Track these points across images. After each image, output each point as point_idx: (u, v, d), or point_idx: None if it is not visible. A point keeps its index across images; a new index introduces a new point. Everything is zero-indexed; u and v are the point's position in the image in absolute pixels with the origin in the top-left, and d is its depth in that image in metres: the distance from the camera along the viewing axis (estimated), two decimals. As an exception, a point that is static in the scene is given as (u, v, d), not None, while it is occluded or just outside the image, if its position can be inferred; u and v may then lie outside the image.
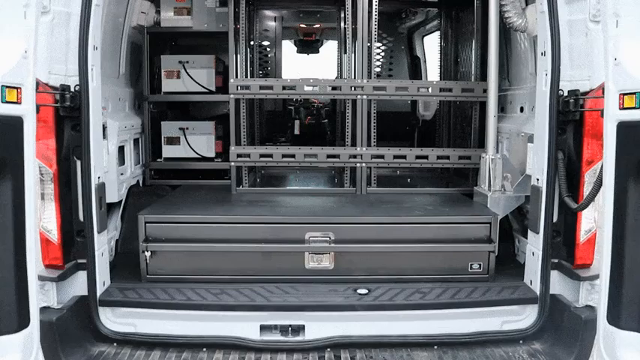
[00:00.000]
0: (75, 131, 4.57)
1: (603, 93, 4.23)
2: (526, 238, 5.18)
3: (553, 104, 4.63)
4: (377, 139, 6.46)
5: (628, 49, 4.13)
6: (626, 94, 4.10)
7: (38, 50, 4.05)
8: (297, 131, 9.12)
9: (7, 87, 3.91)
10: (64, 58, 4.52)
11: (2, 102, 3.87)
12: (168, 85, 6.87)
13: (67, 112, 4.51)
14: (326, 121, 9.34)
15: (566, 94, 4.64)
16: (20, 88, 3.95)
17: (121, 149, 6.08)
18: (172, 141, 6.91)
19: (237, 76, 6.40)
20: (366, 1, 6.35)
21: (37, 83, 4.11)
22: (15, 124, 3.94)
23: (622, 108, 4.11)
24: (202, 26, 6.82)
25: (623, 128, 4.07)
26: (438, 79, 8.21)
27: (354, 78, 6.50)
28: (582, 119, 4.65)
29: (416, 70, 9.78)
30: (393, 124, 7.53)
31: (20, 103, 3.97)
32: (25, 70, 3.97)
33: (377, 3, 6.37)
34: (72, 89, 4.51)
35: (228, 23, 6.41)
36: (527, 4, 5.56)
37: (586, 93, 4.60)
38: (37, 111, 4.13)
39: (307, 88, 6.35)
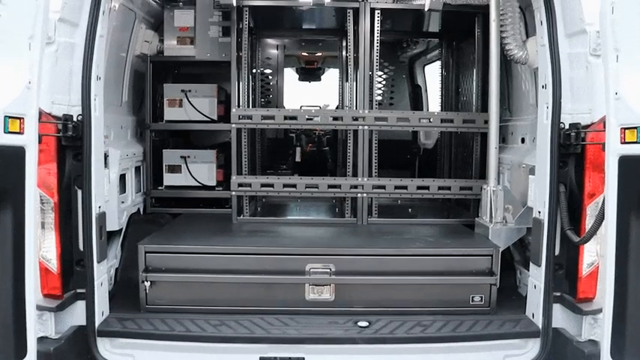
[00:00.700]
0: (76, 161, 4.58)
1: (604, 126, 4.25)
2: (528, 270, 5.15)
3: (554, 137, 4.64)
4: (378, 166, 6.46)
5: (629, 84, 4.15)
6: (627, 128, 4.11)
7: (42, 80, 4.08)
8: (298, 158, 9.13)
9: (10, 117, 3.92)
10: (67, 88, 4.55)
11: (4, 132, 3.89)
12: (170, 113, 6.89)
13: (69, 142, 4.53)
14: (327, 148, 9.37)
15: (567, 127, 4.66)
16: (23, 118, 3.97)
17: (122, 177, 6.08)
18: (173, 169, 6.91)
19: (239, 106, 6.42)
20: (368, 31, 6.39)
21: (40, 113, 4.13)
22: (17, 154, 3.94)
23: (623, 142, 4.12)
24: (205, 55, 6.85)
25: (625, 162, 4.07)
26: (439, 108, 8.25)
27: (356, 106, 6.53)
28: (584, 152, 4.66)
29: (417, 98, 9.82)
30: (394, 152, 7.54)
31: (23, 134, 3.98)
32: (28, 101, 3.98)
33: (378, 33, 6.42)
34: (74, 119, 4.53)
35: (230, 53, 6.45)
36: (527, 37, 5.60)
37: (587, 126, 4.62)
38: (40, 141, 4.15)
39: (309, 119, 6.37)
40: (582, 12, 4.54)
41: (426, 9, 5.09)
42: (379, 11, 6.33)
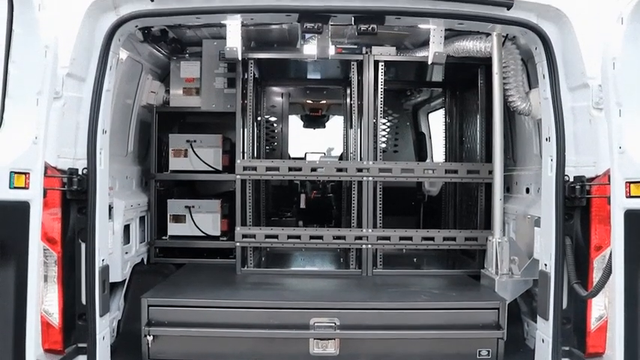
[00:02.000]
0: (81, 214, 4.57)
1: (609, 180, 4.25)
2: (535, 322, 5.08)
3: (559, 190, 4.63)
4: (382, 213, 6.45)
5: (632, 138, 4.17)
6: (632, 182, 4.11)
7: (48, 135, 4.12)
8: (303, 205, 9.13)
9: (16, 172, 3.95)
10: (73, 142, 4.57)
11: (10, 188, 3.91)
12: (175, 163, 6.93)
13: (74, 196, 4.53)
14: (332, 195, 9.37)
15: (572, 179, 4.64)
16: (29, 173, 4.00)
17: (127, 227, 6.07)
18: (178, 219, 6.91)
19: (243, 156, 6.45)
20: (372, 81, 6.46)
21: (46, 167, 4.16)
22: (21, 209, 3.96)
23: (629, 196, 4.12)
24: (210, 106, 6.93)
25: (631, 216, 4.06)
26: (443, 155, 8.28)
27: (360, 153, 6.56)
28: (589, 205, 4.63)
29: (421, 146, 9.86)
30: (398, 199, 7.53)
31: (28, 188, 4.01)
32: (34, 156, 4.02)
33: (382, 83, 6.48)
34: (80, 172, 4.54)
35: (235, 104, 6.51)
36: (530, 88, 5.64)
37: (592, 179, 4.60)
38: (44, 195, 4.16)
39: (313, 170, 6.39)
40: (584, 66, 4.57)
41: (429, 62, 5.16)
42: (382, 63, 6.41)
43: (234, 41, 4.79)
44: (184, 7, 4.53)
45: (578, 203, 4.63)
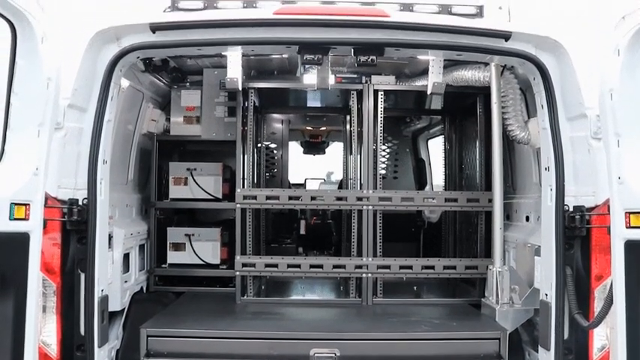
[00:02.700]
0: (80, 244, 4.56)
1: (608, 210, 4.26)
2: (536, 352, 5.04)
3: (559, 220, 4.62)
4: (382, 239, 6.44)
5: (631, 168, 4.20)
6: (632, 212, 4.13)
7: (49, 166, 4.14)
8: (302, 231, 9.12)
9: (16, 204, 3.97)
10: (73, 172, 4.57)
11: (10, 219, 3.93)
12: (175, 191, 6.94)
13: (74, 226, 4.52)
14: (332, 221, 9.36)
15: (571, 209, 4.64)
16: (29, 204, 4.02)
17: (126, 256, 6.05)
18: (178, 247, 6.90)
19: (243, 185, 6.47)
20: (372, 109, 6.49)
21: (46, 198, 4.17)
22: (21, 240, 3.97)
23: (629, 226, 4.13)
24: (211, 135, 6.95)
25: (632, 247, 4.07)
26: (443, 181, 8.30)
27: (360, 179, 6.57)
28: (589, 235, 4.62)
29: (421, 172, 9.88)
30: (398, 226, 7.53)
31: (28, 220, 4.03)
32: (34, 187, 4.05)
33: (382, 111, 6.52)
34: (80, 203, 4.53)
35: (236, 133, 6.54)
36: (529, 117, 5.67)
37: (591, 209, 4.59)
38: (44, 226, 4.18)
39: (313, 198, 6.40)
40: (582, 96, 4.60)
41: (428, 92, 5.20)
42: (382, 92, 6.46)
43: (234, 72, 4.83)
44: (186, 39, 4.57)
45: (578, 233, 4.62)
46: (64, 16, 4.47)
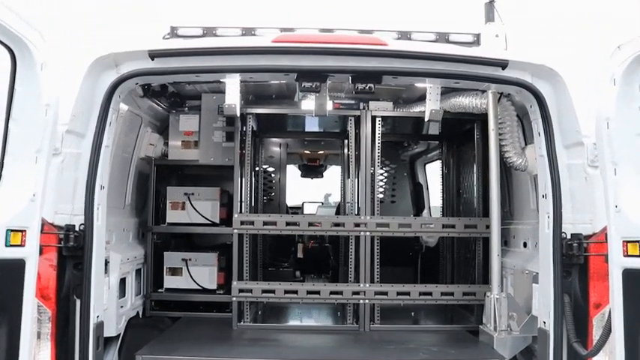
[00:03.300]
0: (77, 270, 4.53)
1: (606, 238, 4.24)
2: (535, 379, 5.01)
3: (557, 248, 4.61)
4: (380, 264, 6.42)
5: (628, 197, 4.19)
6: (629, 241, 4.11)
7: (46, 191, 4.12)
8: (300, 254, 9.09)
9: (13, 230, 3.94)
10: (71, 198, 4.56)
11: (5, 246, 3.90)
12: (172, 216, 6.93)
13: (70, 252, 4.50)
14: (329, 245, 9.34)
15: (569, 237, 4.64)
16: (25, 230, 3.98)
17: (122, 281, 6.02)
18: (174, 272, 6.86)
19: (241, 210, 6.46)
20: (369, 134, 6.52)
21: (43, 224, 4.15)
22: (17, 267, 3.93)
23: (626, 255, 4.11)
24: (209, 160, 6.96)
25: (630, 275, 4.04)
26: (440, 205, 8.29)
27: (357, 202, 6.57)
28: (587, 262, 4.61)
29: (418, 196, 9.89)
30: (396, 250, 7.51)
31: (24, 246, 3.99)
32: (31, 214, 4.01)
33: (379, 136, 6.55)
34: (77, 228, 4.52)
35: (234, 158, 6.55)
36: (526, 144, 5.69)
37: (589, 236, 4.60)
38: (40, 252, 4.14)
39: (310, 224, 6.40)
40: (578, 124, 4.63)
41: (426, 120, 5.21)
42: (380, 118, 6.49)
43: (233, 98, 4.84)
44: (184, 66, 4.59)
45: (576, 261, 4.62)
46: (64, 42, 4.50)
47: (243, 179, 6.67)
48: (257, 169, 7.83)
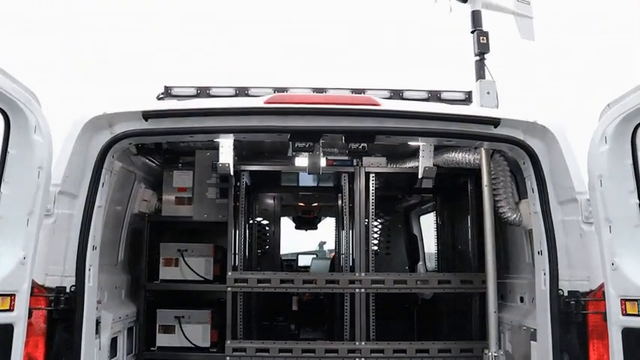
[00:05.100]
0: (66, 332, 4.45)
1: (604, 296, 4.20)
2: None
3: (554, 305, 4.57)
4: (375, 316, 6.35)
5: (625, 254, 4.16)
6: (627, 300, 4.06)
7: (37, 254, 4.07)
8: (295, 307, 8.97)
9: (2, 295, 3.87)
10: (62, 259, 4.52)
11: (-7, 311, 3.82)
12: (166, 272, 6.85)
13: (60, 315, 4.42)
14: (324, 297, 9.22)
15: (566, 294, 4.59)
16: (14, 295, 3.91)
17: (114, 340, 5.90)
18: (167, 329, 6.74)
19: (235, 268, 6.40)
20: (363, 189, 6.53)
21: (33, 286, 4.08)
22: (4, 331, 3.84)
23: (625, 314, 4.06)
24: (202, 216, 6.92)
25: (629, 335, 3.98)
26: (435, 256, 8.24)
27: (352, 255, 6.56)
28: (585, 320, 4.55)
29: (413, 248, 9.83)
30: (391, 303, 7.43)
31: (12, 311, 3.91)
32: (21, 277, 3.95)
33: (374, 190, 6.55)
34: (67, 290, 4.46)
35: (227, 215, 6.52)
36: (520, 199, 5.68)
37: (586, 294, 4.55)
38: (30, 315, 4.06)
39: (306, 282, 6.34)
40: (572, 181, 4.63)
41: (419, 177, 5.23)
42: (374, 174, 6.50)
43: (226, 158, 4.85)
44: (178, 127, 4.61)
45: (574, 319, 4.56)
46: (58, 102, 4.52)
47: (237, 236, 6.62)
48: (251, 221, 7.78)
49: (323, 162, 5.61)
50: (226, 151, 4.84)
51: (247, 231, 7.05)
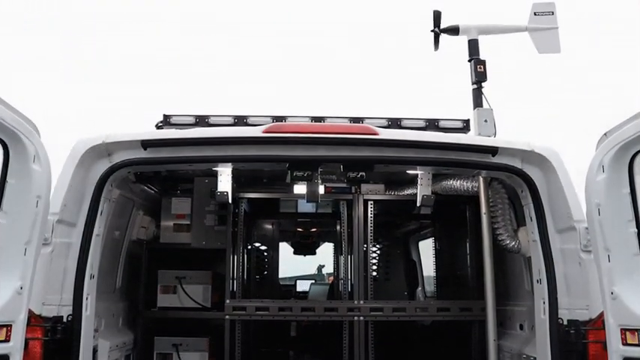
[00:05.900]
0: None
1: (603, 324, 4.17)
2: None
3: (554, 334, 4.54)
4: (374, 342, 6.30)
5: (624, 283, 4.14)
6: (627, 329, 4.03)
7: (35, 283, 4.04)
8: (294, 333, 8.91)
9: (-2, 326, 3.84)
10: (59, 288, 4.49)
11: (-11, 342, 3.79)
12: (163, 300, 6.83)
13: (57, 345, 4.38)
14: (322, 324, 9.15)
15: (565, 322, 4.56)
16: (11, 325, 3.88)
17: (111, 369, 5.85)
18: (165, 357, 6.70)
19: (233, 295, 6.37)
20: (362, 215, 6.53)
21: (30, 316, 4.05)
22: (-1, 363, 3.80)
23: (625, 344, 4.03)
24: (200, 243, 6.91)
25: (631, 365, 3.95)
26: (434, 279, 8.21)
27: (350, 280, 6.52)
28: (586, 349, 4.52)
29: (412, 274, 9.79)
30: (390, 329, 7.39)
31: (9, 341, 3.87)
32: (17, 307, 3.91)
33: (372, 217, 6.55)
34: (64, 319, 4.42)
35: (226, 242, 6.50)
36: (518, 227, 5.68)
37: (586, 322, 4.52)
38: (26, 346, 4.02)
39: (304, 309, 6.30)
40: (570, 209, 4.63)
41: (417, 205, 5.23)
42: (372, 201, 6.51)
43: (225, 186, 4.86)
44: (177, 156, 4.60)
45: (574, 347, 4.53)
46: (57, 131, 4.53)
47: (235, 263, 6.60)
48: (249, 247, 7.77)
49: (321, 190, 5.61)
50: (225, 179, 4.85)
51: (245, 257, 7.03)
